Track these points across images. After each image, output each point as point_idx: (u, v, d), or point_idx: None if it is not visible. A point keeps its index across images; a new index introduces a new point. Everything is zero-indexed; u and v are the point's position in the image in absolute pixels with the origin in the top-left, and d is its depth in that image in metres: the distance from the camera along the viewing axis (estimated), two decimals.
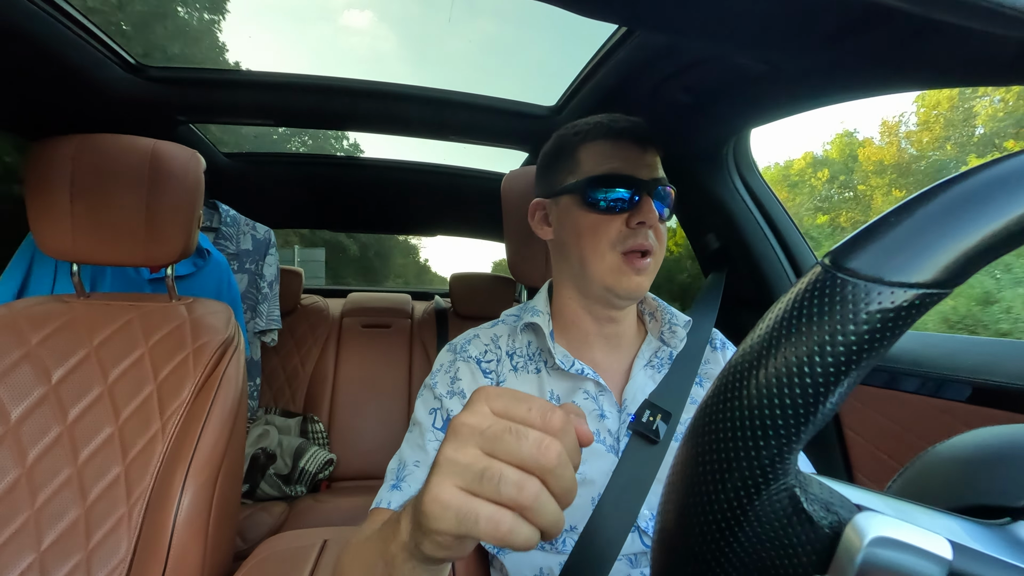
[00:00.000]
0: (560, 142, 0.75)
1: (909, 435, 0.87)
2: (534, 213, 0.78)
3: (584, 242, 0.68)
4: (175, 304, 0.97)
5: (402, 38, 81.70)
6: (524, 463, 0.30)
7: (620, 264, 0.67)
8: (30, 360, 0.85)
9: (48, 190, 0.89)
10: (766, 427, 0.22)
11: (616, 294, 0.68)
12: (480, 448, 0.30)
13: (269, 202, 2.03)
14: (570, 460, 0.31)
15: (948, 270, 0.21)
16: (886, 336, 0.21)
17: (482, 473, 0.29)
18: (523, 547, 0.29)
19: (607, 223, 0.67)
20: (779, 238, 1.17)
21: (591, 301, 0.72)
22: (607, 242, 0.67)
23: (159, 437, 0.85)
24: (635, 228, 0.66)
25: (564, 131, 0.75)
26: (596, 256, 0.68)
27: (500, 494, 0.29)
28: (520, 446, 0.30)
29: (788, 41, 0.72)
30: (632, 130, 0.70)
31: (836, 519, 0.23)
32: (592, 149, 0.70)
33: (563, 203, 0.72)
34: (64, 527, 0.79)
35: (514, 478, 0.29)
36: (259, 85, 1.29)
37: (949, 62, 0.65)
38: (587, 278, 0.70)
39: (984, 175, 0.22)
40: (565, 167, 0.72)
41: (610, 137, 0.70)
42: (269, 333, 1.82)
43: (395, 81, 1.29)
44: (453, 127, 1.44)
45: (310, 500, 1.63)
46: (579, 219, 0.69)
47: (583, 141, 0.71)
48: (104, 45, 1.03)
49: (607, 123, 0.71)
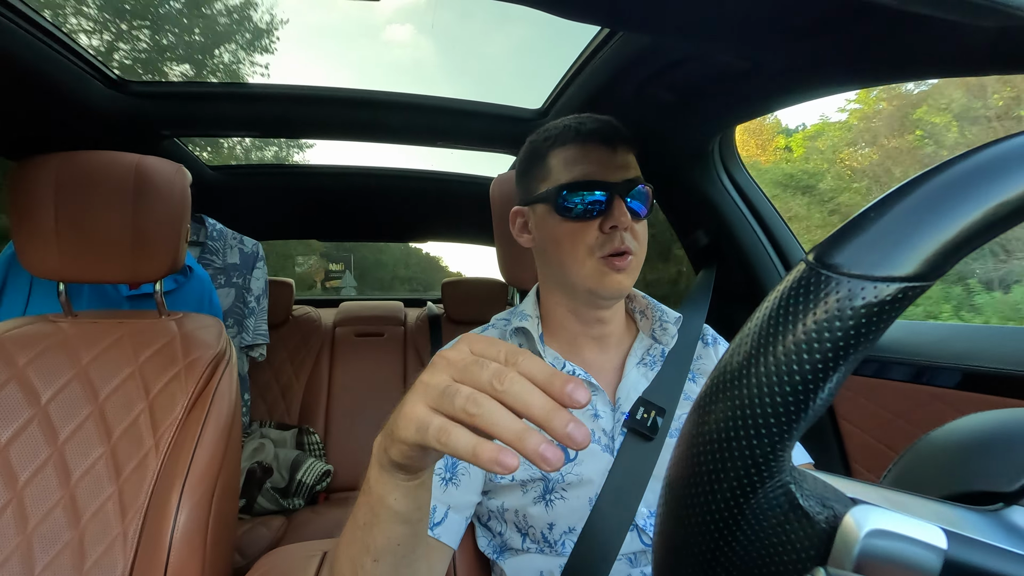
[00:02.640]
0: (532, 148, 0.74)
1: (902, 423, 0.88)
2: (514, 221, 0.78)
3: (562, 249, 0.68)
4: (165, 320, 0.96)
5: (440, 47, 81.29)
6: (481, 386, 0.32)
7: (600, 267, 0.67)
8: (18, 382, 0.84)
9: (32, 209, 0.87)
10: (758, 425, 0.22)
11: (600, 295, 0.69)
12: (450, 375, 0.34)
13: (256, 214, 2.01)
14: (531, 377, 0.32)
15: (930, 262, 0.21)
16: (872, 330, 0.21)
17: (443, 391, 0.33)
18: (465, 452, 0.31)
19: (582, 229, 0.67)
20: (767, 232, 1.18)
21: (577, 303, 0.72)
22: (584, 248, 0.67)
23: (153, 454, 0.84)
24: (609, 232, 0.66)
25: (536, 137, 0.75)
26: (576, 263, 0.68)
27: (454, 406, 0.32)
28: (481, 372, 0.33)
29: (768, 37, 0.73)
30: (600, 131, 0.69)
31: (832, 513, 0.23)
32: (561, 155, 0.70)
33: (539, 211, 0.72)
34: (58, 550, 0.78)
35: (466, 392, 0.32)
36: (242, 97, 1.28)
37: (927, 54, 0.66)
38: (570, 283, 0.70)
39: (961, 165, 0.22)
40: (539, 174, 0.72)
41: (578, 141, 0.69)
42: (257, 348, 1.80)
43: (431, 91, 1.29)
44: (440, 132, 1.44)
45: (308, 512, 1.62)
46: (555, 227, 0.69)
47: (552, 147, 0.71)
48: (85, 61, 1.02)
49: (574, 126, 0.70)
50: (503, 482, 0.67)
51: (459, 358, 0.35)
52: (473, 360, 0.34)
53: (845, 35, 0.68)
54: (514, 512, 0.67)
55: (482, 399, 0.32)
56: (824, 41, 0.70)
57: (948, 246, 0.21)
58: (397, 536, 0.42)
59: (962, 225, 0.21)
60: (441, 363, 0.35)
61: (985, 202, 0.21)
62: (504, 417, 0.31)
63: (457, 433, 0.32)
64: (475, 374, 0.33)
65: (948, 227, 0.21)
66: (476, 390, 0.32)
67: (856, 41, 0.68)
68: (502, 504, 0.67)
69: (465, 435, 0.32)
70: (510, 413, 0.31)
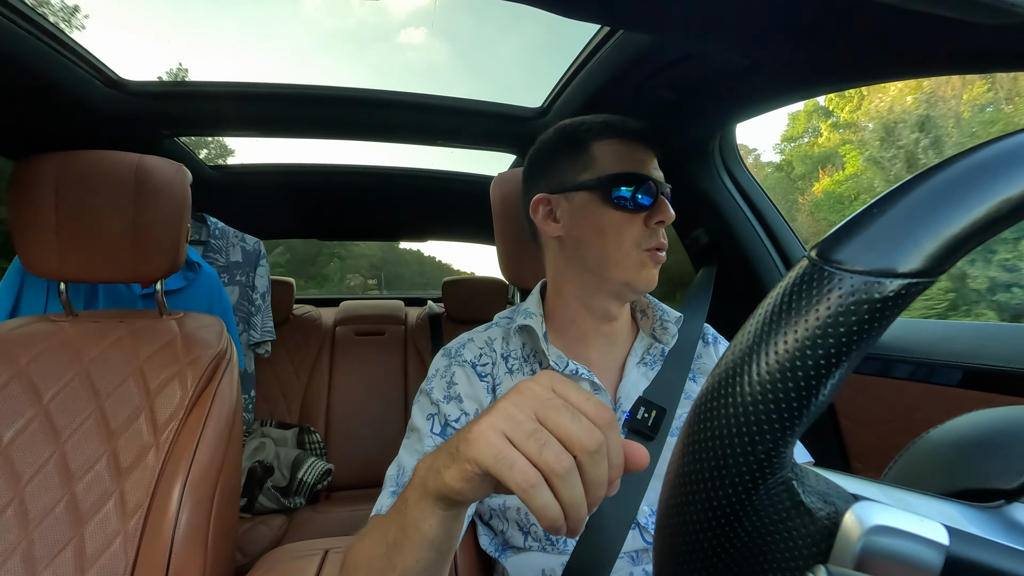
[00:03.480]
0: (567, 136, 0.74)
1: (903, 421, 0.88)
2: (537, 209, 0.75)
3: (607, 240, 0.69)
4: (166, 319, 0.96)
5: (453, 48, 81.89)
6: (570, 440, 0.32)
7: (644, 260, 0.69)
8: (19, 381, 0.84)
9: (32, 209, 0.87)
10: (760, 422, 0.22)
11: (635, 288, 0.70)
12: (535, 412, 0.33)
13: (257, 213, 2.01)
14: (613, 454, 0.33)
15: (932, 258, 0.21)
16: (874, 326, 0.21)
17: (531, 433, 0.32)
18: (539, 509, 0.32)
19: (630, 221, 0.68)
20: (768, 230, 1.18)
21: (599, 297, 0.72)
22: (631, 240, 0.68)
23: (154, 454, 0.84)
24: (654, 227, 0.69)
25: (569, 126, 0.75)
26: (620, 253, 0.69)
27: (540, 456, 0.32)
28: (571, 424, 0.32)
29: (768, 36, 0.73)
30: (644, 132, 0.72)
31: (834, 510, 0.23)
32: (607, 147, 0.71)
33: (578, 199, 0.71)
34: (60, 548, 0.78)
35: (556, 448, 0.32)
36: (242, 96, 1.28)
37: (926, 51, 0.66)
38: (604, 274, 0.70)
39: (964, 162, 0.22)
40: (577, 162, 0.72)
41: (624, 137, 0.71)
42: (263, 344, 1.81)
43: (445, 91, 1.29)
44: (440, 132, 1.44)
45: (309, 511, 1.62)
46: (601, 216, 0.69)
47: (596, 138, 0.72)
48: (85, 61, 1.02)
49: (619, 124, 0.72)
50: None
51: (545, 396, 0.34)
52: (562, 404, 0.34)
53: (845, 33, 0.68)
54: (516, 510, 0.67)
55: (571, 473, 0.32)
56: (824, 39, 0.70)
57: (950, 242, 0.21)
58: (425, 560, 0.42)
59: (964, 222, 0.21)
60: (527, 394, 0.35)
61: (987, 199, 0.21)
62: (579, 495, 0.32)
63: (542, 489, 0.32)
64: (564, 422, 0.33)
65: (950, 223, 0.21)
66: (563, 449, 0.32)
67: (856, 39, 0.68)
68: (504, 502, 0.67)
69: (549, 498, 0.32)
70: (582, 489, 0.32)
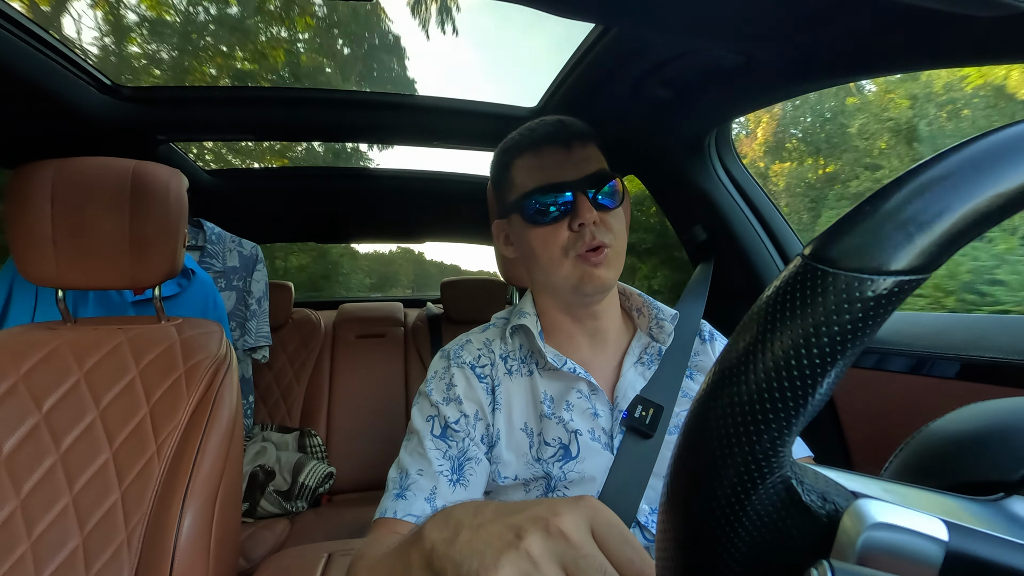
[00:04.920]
0: (498, 161, 0.76)
1: (902, 414, 0.88)
2: (498, 235, 0.80)
3: (538, 255, 0.70)
4: (164, 325, 0.96)
5: (481, 52, 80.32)
6: None
7: (578, 265, 0.67)
8: (19, 390, 0.84)
9: (28, 216, 0.87)
10: (758, 421, 0.22)
11: (584, 293, 0.69)
12: (564, 567, 0.29)
13: (254, 217, 2.01)
14: None
15: (925, 255, 0.21)
16: (869, 324, 0.21)
17: None
18: None
19: (552, 233, 0.68)
20: (765, 226, 1.18)
21: (567, 303, 0.73)
22: (559, 250, 0.68)
23: (155, 460, 0.84)
24: (578, 230, 0.67)
25: (499, 149, 0.76)
26: (554, 265, 0.69)
27: None
28: None
29: (763, 31, 0.73)
30: (552, 135, 0.70)
31: (833, 507, 0.23)
32: (521, 164, 0.71)
33: (514, 221, 0.74)
34: (63, 557, 0.78)
35: None
36: (237, 100, 1.28)
37: (921, 45, 0.66)
38: (554, 285, 0.71)
39: (954, 158, 0.22)
40: (507, 186, 0.74)
41: (532, 148, 0.71)
42: (260, 350, 1.81)
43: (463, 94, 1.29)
44: (436, 133, 1.44)
45: (311, 515, 1.62)
46: (527, 235, 0.70)
47: (513, 158, 0.73)
48: (79, 68, 1.02)
49: (527, 134, 0.72)
50: (506, 482, 0.67)
51: (582, 548, 0.29)
52: (598, 567, 0.29)
53: (839, 28, 0.68)
54: None
55: None
56: (818, 34, 0.70)
57: (943, 239, 0.21)
58: None
59: (956, 217, 0.21)
60: (560, 542, 0.29)
61: (978, 194, 0.21)
62: None
63: None
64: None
65: (942, 220, 0.21)
66: None
67: (850, 33, 0.68)
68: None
69: None
70: None
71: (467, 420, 0.68)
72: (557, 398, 0.70)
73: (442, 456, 0.65)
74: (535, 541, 0.29)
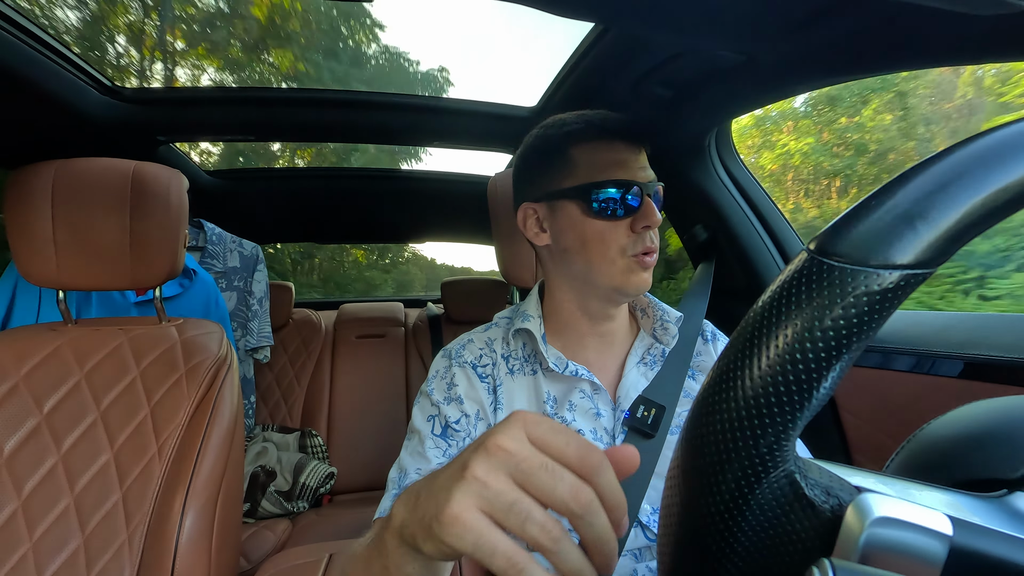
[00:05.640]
0: (547, 141, 0.71)
1: (904, 413, 0.88)
2: (525, 219, 0.74)
3: (591, 248, 0.67)
4: (165, 326, 0.96)
5: (481, 52, 77.83)
6: (555, 505, 0.29)
7: (631, 266, 0.67)
8: (20, 391, 0.84)
9: (29, 217, 0.87)
10: (762, 416, 0.22)
11: (625, 293, 0.68)
12: (512, 477, 0.29)
13: (254, 218, 2.01)
14: (609, 499, 0.30)
15: (930, 249, 0.21)
16: (874, 318, 0.21)
17: (510, 506, 0.29)
18: None
19: (613, 229, 0.66)
20: (765, 225, 1.18)
21: (592, 300, 0.71)
22: (616, 248, 0.66)
23: (156, 461, 0.84)
24: (640, 232, 0.66)
25: (549, 128, 0.72)
26: (606, 261, 0.67)
27: (524, 531, 0.28)
28: (555, 486, 0.29)
29: (762, 30, 0.73)
30: (627, 131, 0.68)
31: (837, 502, 0.23)
32: (587, 150, 0.68)
33: (561, 208, 0.69)
34: (64, 558, 0.78)
35: (540, 519, 0.28)
36: (237, 101, 1.28)
37: (921, 44, 0.66)
38: (593, 281, 0.69)
39: (960, 153, 0.22)
40: (558, 168, 0.69)
41: (604, 138, 0.67)
42: (261, 350, 1.81)
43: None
44: (436, 133, 1.44)
45: (313, 515, 1.62)
46: (584, 226, 0.67)
47: (576, 141, 0.68)
48: (79, 69, 1.02)
49: (599, 122, 0.68)
50: None
51: (521, 454, 0.30)
52: (540, 463, 0.29)
53: (839, 26, 0.68)
54: None
55: (561, 543, 0.28)
56: (818, 32, 0.70)
57: (948, 233, 0.21)
58: None
59: (961, 212, 0.21)
60: (499, 455, 0.30)
61: (984, 189, 0.21)
62: (577, 562, 0.29)
63: (532, 570, 0.28)
64: (546, 485, 0.29)
65: (948, 214, 0.21)
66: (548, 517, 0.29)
67: (850, 32, 0.68)
68: None
69: (539, 570, 0.28)
70: (579, 555, 0.29)
71: (468, 420, 0.67)
72: (560, 398, 0.70)
73: (442, 455, 0.65)
74: (478, 464, 0.30)
